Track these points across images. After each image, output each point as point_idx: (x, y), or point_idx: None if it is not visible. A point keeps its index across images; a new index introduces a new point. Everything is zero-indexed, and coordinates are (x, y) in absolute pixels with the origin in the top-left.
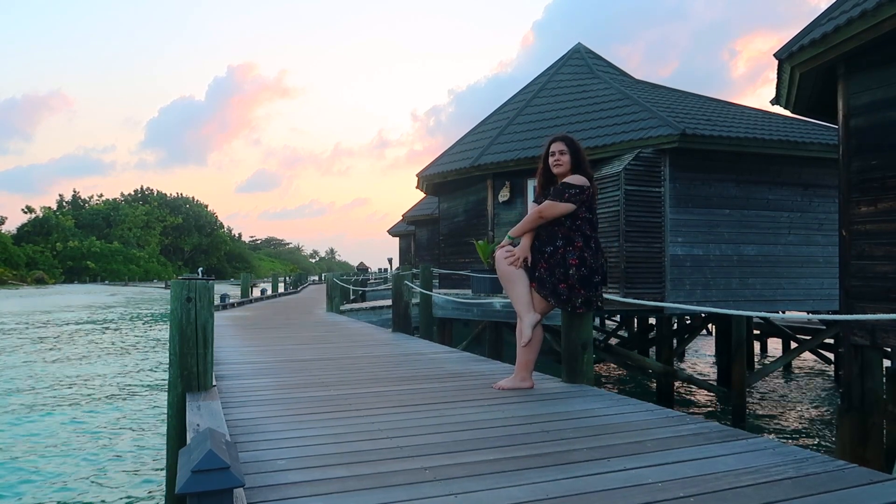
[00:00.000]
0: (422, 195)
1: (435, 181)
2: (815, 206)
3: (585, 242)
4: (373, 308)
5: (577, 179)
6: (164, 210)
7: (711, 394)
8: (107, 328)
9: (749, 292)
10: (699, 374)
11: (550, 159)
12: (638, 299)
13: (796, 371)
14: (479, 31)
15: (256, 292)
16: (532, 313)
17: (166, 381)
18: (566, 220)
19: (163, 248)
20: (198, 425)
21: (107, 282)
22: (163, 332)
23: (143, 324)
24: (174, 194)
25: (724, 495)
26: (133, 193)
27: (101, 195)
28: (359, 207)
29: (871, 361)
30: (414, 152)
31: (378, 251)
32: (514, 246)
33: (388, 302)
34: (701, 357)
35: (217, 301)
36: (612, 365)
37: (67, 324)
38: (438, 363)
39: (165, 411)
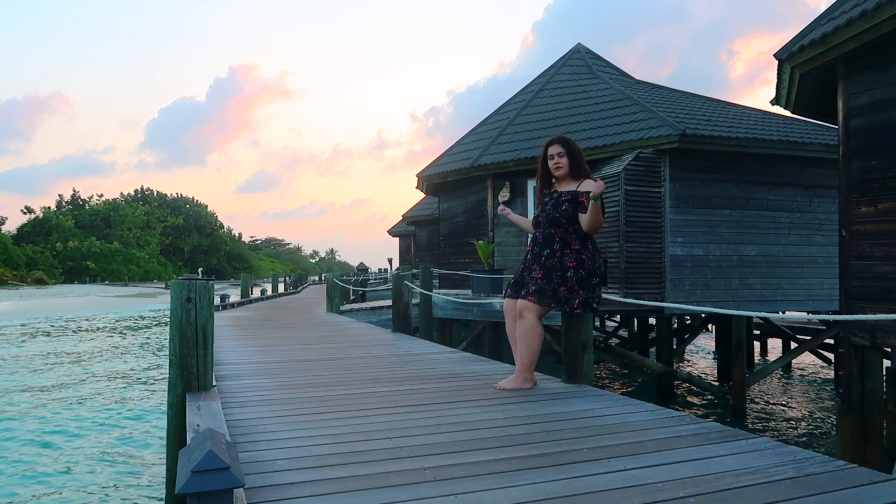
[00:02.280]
0: (422, 195)
1: (435, 181)
2: (816, 206)
3: (583, 245)
4: (373, 308)
5: (590, 186)
6: (164, 210)
7: (711, 394)
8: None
9: (749, 292)
10: (699, 374)
11: (550, 162)
12: (638, 299)
13: (796, 371)
14: (479, 31)
15: (256, 292)
16: (530, 372)
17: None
18: (564, 223)
19: (163, 249)
20: (198, 425)
21: (107, 282)
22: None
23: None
24: (174, 195)
25: (724, 496)
26: (133, 194)
27: (101, 195)
28: (359, 208)
29: (871, 361)
30: (413, 153)
31: (378, 251)
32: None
33: (388, 302)
34: (701, 357)
35: (217, 301)
36: (614, 367)
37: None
38: (438, 363)
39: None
